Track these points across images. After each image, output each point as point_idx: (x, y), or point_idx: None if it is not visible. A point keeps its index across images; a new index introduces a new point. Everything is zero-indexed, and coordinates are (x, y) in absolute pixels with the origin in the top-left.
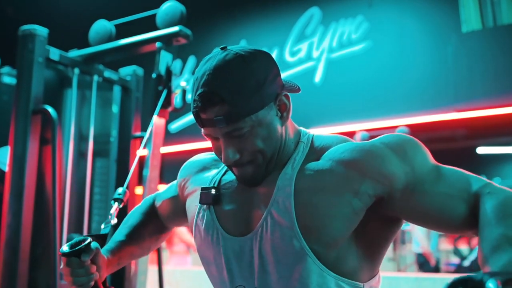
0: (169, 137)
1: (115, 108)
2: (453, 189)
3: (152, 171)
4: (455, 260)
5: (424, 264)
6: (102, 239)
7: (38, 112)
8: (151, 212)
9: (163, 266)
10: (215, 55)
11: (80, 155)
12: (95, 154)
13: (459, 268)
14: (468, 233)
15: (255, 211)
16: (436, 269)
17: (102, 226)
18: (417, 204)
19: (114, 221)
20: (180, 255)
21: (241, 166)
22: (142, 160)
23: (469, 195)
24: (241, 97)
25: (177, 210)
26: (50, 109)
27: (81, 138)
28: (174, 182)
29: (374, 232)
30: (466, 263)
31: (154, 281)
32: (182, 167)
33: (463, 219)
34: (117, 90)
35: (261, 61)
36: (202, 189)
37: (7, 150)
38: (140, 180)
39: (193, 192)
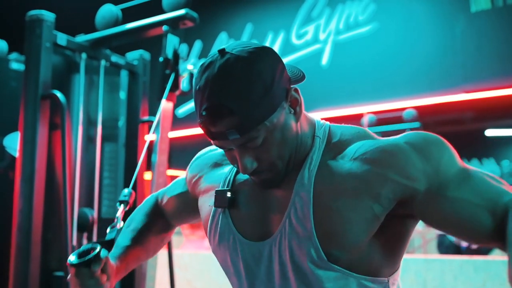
0: (176, 122)
1: (122, 93)
2: (479, 197)
3: (160, 155)
4: None
5: (450, 246)
6: (109, 245)
7: (47, 97)
8: (155, 212)
9: (173, 249)
10: (215, 61)
11: (89, 140)
12: (103, 139)
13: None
14: (492, 245)
15: (273, 215)
16: (463, 251)
17: (108, 230)
18: (438, 209)
19: (120, 225)
20: (196, 239)
21: (260, 173)
22: (150, 145)
23: (497, 207)
24: (250, 105)
25: (186, 206)
26: (58, 94)
27: (89, 123)
28: (181, 177)
29: (395, 229)
30: None
31: (164, 263)
32: (192, 162)
33: (487, 231)
34: (124, 74)
35: (265, 60)
36: (217, 191)
37: (17, 136)
38: (148, 165)
39: (206, 190)
